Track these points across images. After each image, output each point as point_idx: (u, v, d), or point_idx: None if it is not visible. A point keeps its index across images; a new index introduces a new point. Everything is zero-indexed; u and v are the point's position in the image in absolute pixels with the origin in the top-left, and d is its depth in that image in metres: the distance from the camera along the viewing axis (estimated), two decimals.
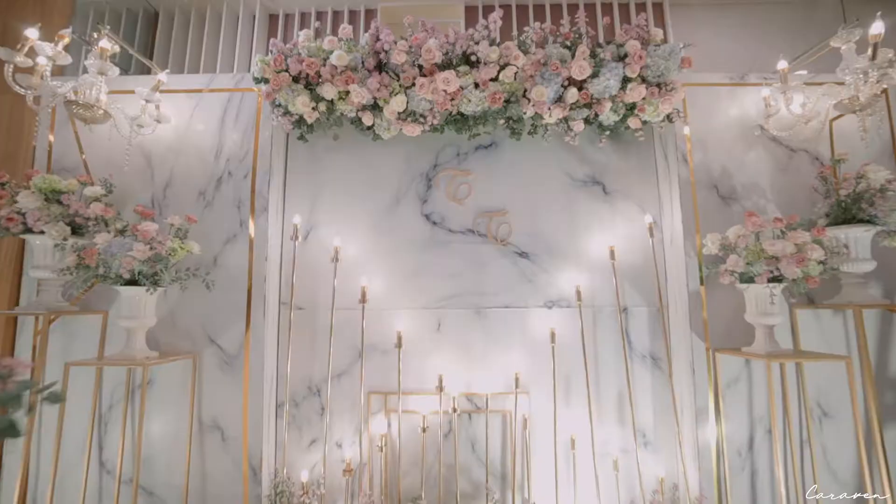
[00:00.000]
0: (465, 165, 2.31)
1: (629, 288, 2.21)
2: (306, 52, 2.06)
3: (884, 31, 1.73)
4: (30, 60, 1.62)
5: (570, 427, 2.10)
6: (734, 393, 2.08)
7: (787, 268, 1.73)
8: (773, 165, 2.23)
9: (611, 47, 2.06)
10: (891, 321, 2.10)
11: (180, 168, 2.19)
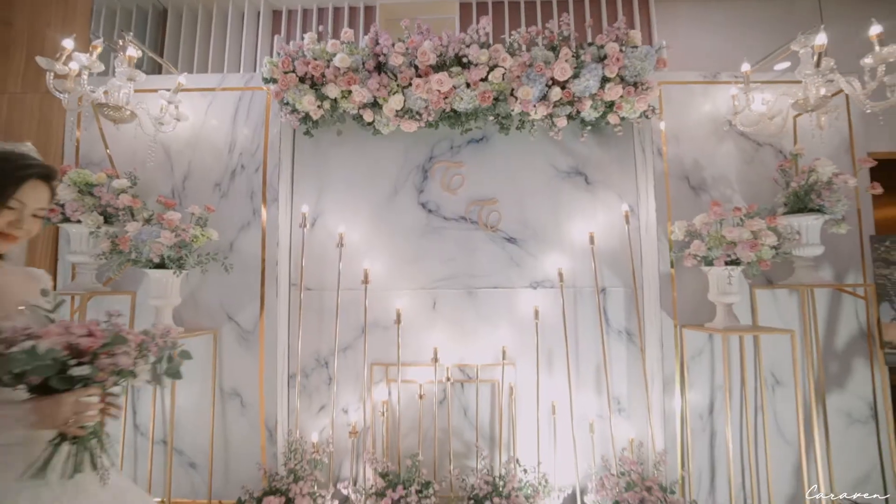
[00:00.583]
0: (458, 158, 2.51)
1: (607, 270, 2.44)
2: (311, 54, 2.24)
3: (826, 42, 1.90)
4: (66, 68, 1.81)
5: (552, 395, 2.34)
6: (698, 364, 2.32)
7: (742, 252, 1.95)
8: (741, 158, 2.43)
9: (592, 49, 2.24)
10: (840, 300, 2.33)
11: (197, 162, 2.40)
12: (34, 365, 0.83)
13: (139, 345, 0.96)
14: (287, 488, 2.03)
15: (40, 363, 0.83)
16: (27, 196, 0.99)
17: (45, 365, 0.84)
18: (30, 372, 0.83)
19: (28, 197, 0.99)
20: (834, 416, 2.28)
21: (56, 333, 0.88)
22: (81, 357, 0.88)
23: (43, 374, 0.85)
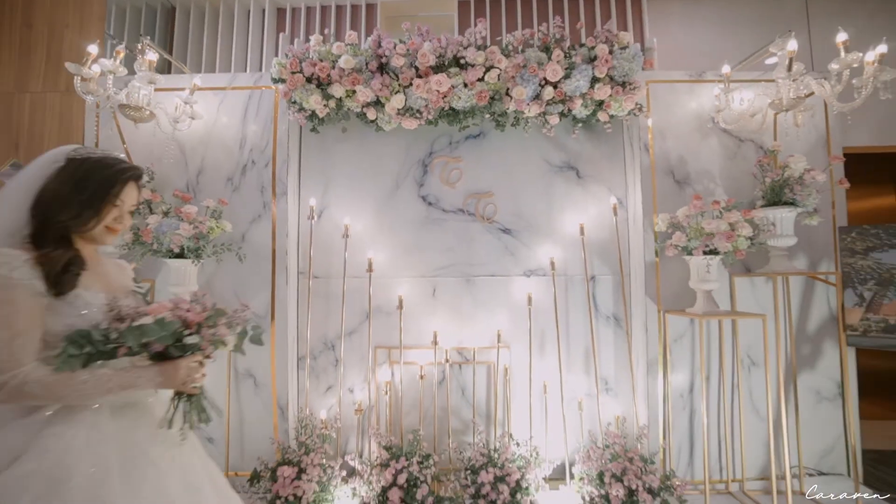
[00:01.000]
0: (457, 153, 2.65)
1: (596, 259, 2.59)
2: (317, 55, 2.37)
3: (797, 48, 2.03)
4: (91, 72, 1.94)
5: (544, 375, 2.52)
6: (680, 347, 2.49)
7: (719, 243, 2.11)
8: (723, 154, 2.57)
9: (582, 50, 2.37)
10: (813, 287, 2.49)
11: (210, 158, 2.54)
12: (160, 334, 1.00)
13: (228, 318, 1.13)
14: (299, 460, 2.21)
15: (166, 332, 1.01)
16: (127, 195, 1.14)
17: (168, 334, 1.01)
18: (157, 340, 1.00)
19: (127, 196, 1.14)
20: (804, 394, 2.45)
21: (167, 309, 1.04)
22: (189, 329, 1.05)
23: (165, 343, 1.02)
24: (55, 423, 0.96)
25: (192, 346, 1.06)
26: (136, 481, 0.98)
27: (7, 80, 2.57)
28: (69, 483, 0.90)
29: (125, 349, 1.00)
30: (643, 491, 2.08)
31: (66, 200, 1.05)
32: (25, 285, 0.98)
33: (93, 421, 0.99)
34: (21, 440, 0.93)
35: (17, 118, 2.55)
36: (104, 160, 1.12)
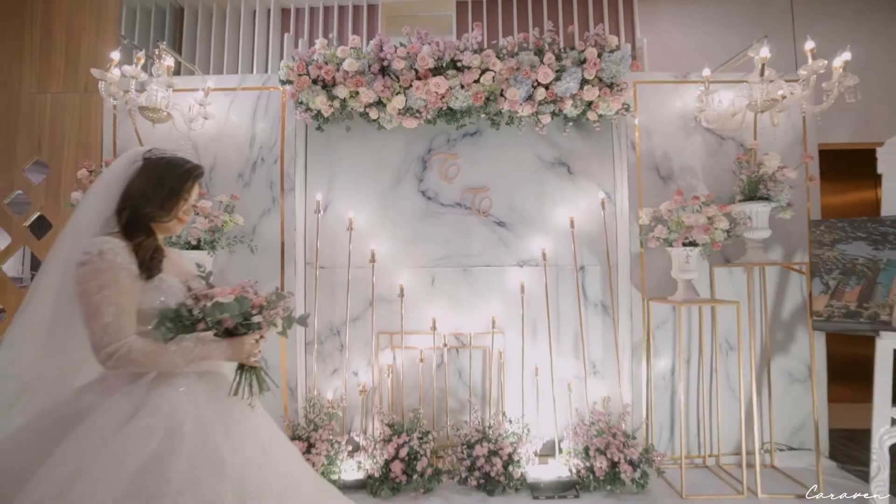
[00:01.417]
0: (454, 150, 2.80)
1: (585, 251, 2.76)
2: (322, 58, 2.51)
3: (769, 55, 2.18)
4: (113, 76, 2.09)
5: (536, 359, 2.69)
6: (662, 332, 2.67)
7: (697, 235, 2.27)
8: (706, 151, 2.72)
9: (573, 53, 2.51)
10: (787, 276, 2.66)
11: (222, 155, 2.69)
12: (237, 312, 1.17)
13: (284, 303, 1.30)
14: (308, 435, 2.39)
15: (243, 310, 1.17)
16: (192, 192, 1.31)
17: (241, 313, 1.18)
18: (231, 317, 1.16)
19: (192, 193, 1.31)
20: (777, 376, 2.64)
21: (235, 292, 1.20)
22: (255, 309, 1.22)
23: (236, 320, 1.18)
24: (157, 386, 1.14)
25: (254, 325, 1.22)
26: (233, 431, 1.17)
27: (29, 81, 2.71)
28: (181, 430, 1.08)
29: (203, 324, 1.17)
30: (624, 462, 2.27)
31: (150, 196, 1.22)
32: (127, 269, 1.13)
33: (186, 384, 1.18)
34: (134, 401, 1.11)
35: (38, 118, 2.70)
36: (175, 160, 1.29)
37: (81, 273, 1.10)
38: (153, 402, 1.10)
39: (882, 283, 2.09)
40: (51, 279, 1.20)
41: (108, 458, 0.99)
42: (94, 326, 1.08)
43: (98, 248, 1.11)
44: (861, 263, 2.17)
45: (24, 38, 2.72)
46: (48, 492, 0.95)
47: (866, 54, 3.37)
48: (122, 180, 1.21)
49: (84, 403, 1.10)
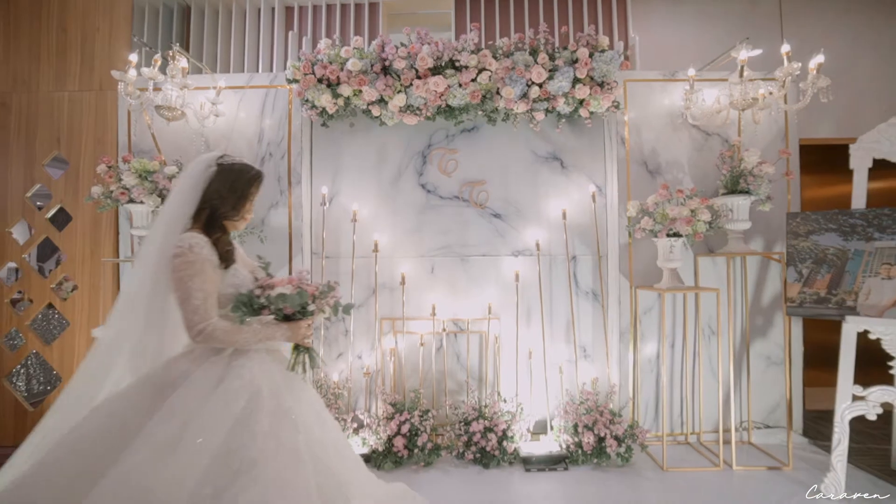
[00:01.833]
0: (453, 145, 2.94)
1: (577, 241, 2.91)
2: (327, 58, 2.64)
3: (748, 56, 2.31)
4: (132, 77, 2.22)
5: (529, 343, 2.86)
6: (648, 318, 2.83)
7: (680, 227, 2.41)
8: (692, 146, 2.86)
9: (565, 54, 2.64)
10: (768, 266, 2.81)
11: (232, 150, 2.81)
12: (296, 301, 1.36)
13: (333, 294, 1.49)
14: None
15: (301, 300, 1.37)
16: (256, 193, 1.53)
17: (300, 301, 1.37)
18: (290, 304, 1.36)
19: (255, 193, 1.52)
20: (756, 360, 2.80)
21: (291, 282, 1.39)
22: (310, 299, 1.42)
23: (294, 308, 1.37)
24: (237, 358, 1.37)
25: (309, 312, 1.42)
26: (296, 398, 1.39)
27: (47, 80, 2.84)
28: (262, 393, 1.31)
29: (268, 311, 1.38)
30: (610, 438, 2.45)
31: (225, 198, 1.42)
32: (210, 261, 1.35)
33: (258, 358, 1.40)
34: (219, 369, 1.34)
35: (56, 115, 2.83)
36: (243, 166, 1.49)
37: (176, 263, 1.31)
38: (236, 370, 1.34)
39: (849, 271, 2.25)
40: (146, 268, 1.40)
41: (209, 413, 1.23)
42: (187, 308, 1.31)
43: (188, 242, 1.32)
44: (832, 253, 2.32)
45: (41, 39, 2.84)
46: (163, 439, 1.17)
47: (851, 52, 3.50)
48: (200, 184, 1.41)
49: (179, 370, 1.33)
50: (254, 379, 1.33)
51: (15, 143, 2.82)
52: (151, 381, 1.32)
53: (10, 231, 2.82)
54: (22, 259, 2.82)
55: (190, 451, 1.16)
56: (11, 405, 2.77)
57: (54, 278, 2.83)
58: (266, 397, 1.31)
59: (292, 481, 1.22)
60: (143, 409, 1.23)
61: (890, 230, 2.18)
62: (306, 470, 1.26)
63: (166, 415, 1.21)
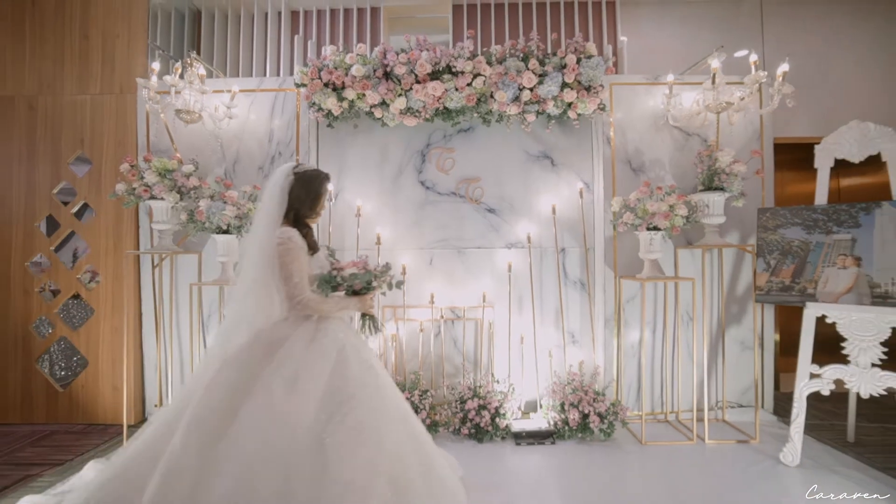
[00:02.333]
0: (450, 145, 3.14)
1: (566, 234, 3.12)
2: (332, 64, 2.84)
3: (720, 65, 2.50)
4: (155, 84, 2.42)
5: (521, 329, 3.08)
6: (631, 306, 3.05)
7: (658, 221, 2.62)
8: (673, 146, 3.06)
9: (555, 60, 2.83)
10: (742, 257, 3.03)
11: (244, 150, 3.03)
12: (364, 279, 1.79)
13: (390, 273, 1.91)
14: None
15: (368, 279, 1.80)
16: (326, 192, 1.91)
17: (367, 279, 1.79)
18: (360, 282, 1.78)
19: (325, 192, 1.90)
20: (731, 344, 3.03)
21: (357, 265, 1.79)
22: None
23: (363, 284, 1.79)
24: (321, 322, 1.76)
25: (372, 287, 1.84)
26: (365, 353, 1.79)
27: (71, 84, 3.03)
28: (346, 348, 1.71)
29: (342, 287, 1.79)
30: (594, 415, 2.68)
31: (304, 200, 1.81)
32: (302, 248, 1.73)
33: (337, 322, 1.81)
34: (310, 331, 1.72)
35: (80, 117, 3.03)
36: (314, 173, 1.85)
37: (280, 251, 1.65)
38: (323, 331, 1.73)
39: (811, 262, 2.46)
40: (251, 256, 1.74)
41: (311, 362, 1.62)
42: (289, 283, 1.69)
43: (288, 234, 1.67)
44: (796, 245, 2.53)
45: (64, 45, 3.03)
46: (282, 382, 1.57)
47: (827, 55, 3.69)
48: (284, 189, 1.76)
49: (281, 332, 1.70)
50: (337, 337, 1.73)
51: (41, 144, 3.02)
52: (262, 339, 1.68)
53: (37, 225, 3.03)
54: (49, 251, 3.04)
55: (306, 388, 1.57)
56: (43, 387, 3.00)
57: (79, 269, 3.05)
58: (349, 350, 1.71)
59: (380, 408, 1.65)
60: (260, 360, 1.63)
61: (846, 224, 2.39)
62: (388, 401, 1.72)
63: (279, 364, 1.61)
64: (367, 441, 1.54)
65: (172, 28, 3.72)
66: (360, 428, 1.56)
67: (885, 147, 2.38)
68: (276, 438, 1.47)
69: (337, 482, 1.43)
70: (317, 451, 1.47)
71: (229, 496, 1.39)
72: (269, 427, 1.48)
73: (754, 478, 2.27)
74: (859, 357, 2.25)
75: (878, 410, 3.11)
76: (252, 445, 1.46)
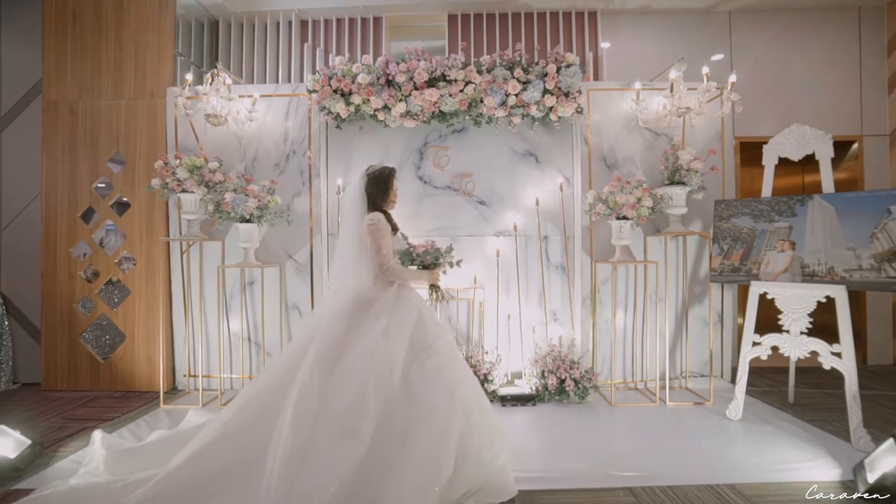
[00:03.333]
0: (445, 144, 3.51)
1: (548, 224, 3.50)
2: (341, 73, 3.21)
3: (680, 74, 2.87)
4: (186, 92, 2.79)
5: (508, 308, 3.47)
6: (605, 287, 3.44)
7: (626, 211, 3.00)
8: (643, 145, 3.43)
9: (537, 69, 3.20)
10: (704, 244, 3.41)
11: (262, 149, 3.41)
12: (434, 256, 2.29)
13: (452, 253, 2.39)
14: None
15: (437, 255, 2.32)
16: (394, 184, 2.33)
17: (436, 255, 2.29)
18: (431, 258, 2.29)
19: (394, 184, 2.33)
20: (694, 321, 3.42)
21: (427, 247, 2.28)
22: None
23: (432, 260, 2.30)
24: (400, 289, 2.17)
25: (439, 263, 2.33)
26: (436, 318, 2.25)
27: (107, 90, 3.40)
28: (423, 309, 2.14)
29: (417, 262, 2.28)
30: (570, 380, 3.08)
31: (376, 193, 2.26)
32: (388, 228, 2.17)
33: (413, 290, 2.25)
34: (393, 295, 2.11)
35: (115, 119, 3.40)
36: (380, 171, 2.30)
37: (371, 230, 2.10)
38: (404, 295, 2.17)
39: (756, 246, 2.85)
40: (347, 239, 2.22)
41: (397, 318, 2.04)
42: (380, 255, 2.12)
43: (376, 217, 2.16)
44: (745, 232, 2.91)
45: (101, 55, 3.40)
46: (377, 334, 1.96)
47: (789, 62, 4.06)
48: (361, 188, 2.26)
49: (372, 294, 2.13)
50: (416, 301, 2.18)
51: (82, 144, 3.40)
52: (359, 299, 2.12)
53: (79, 216, 3.42)
54: (90, 239, 3.43)
55: (397, 336, 1.98)
56: (87, 358, 3.41)
57: (117, 255, 3.44)
58: (425, 312, 2.15)
59: (453, 356, 2.10)
60: (359, 314, 2.07)
61: (786, 214, 2.77)
62: (457, 354, 2.18)
63: (374, 317, 2.04)
64: (444, 379, 1.95)
65: (193, 36, 4.08)
66: (438, 369, 1.97)
67: (818, 148, 2.76)
68: (377, 371, 1.88)
69: (422, 405, 1.86)
70: (405, 383, 1.90)
71: (346, 411, 1.80)
72: (370, 363, 1.90)
73: (703, 429, 2.67)
74: (791, 326, 2.64)
75: (820, 378, 3.49)
76: (359, 376, 1.87)
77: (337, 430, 1.77)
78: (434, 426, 1.81)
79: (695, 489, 2.01)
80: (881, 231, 2.40)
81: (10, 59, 3.73)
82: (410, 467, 1.72)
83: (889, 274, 2.35)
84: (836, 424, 2.68)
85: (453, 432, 1.82)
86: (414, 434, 1.80)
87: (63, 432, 2.65)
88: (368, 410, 1.79)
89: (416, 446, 1.77)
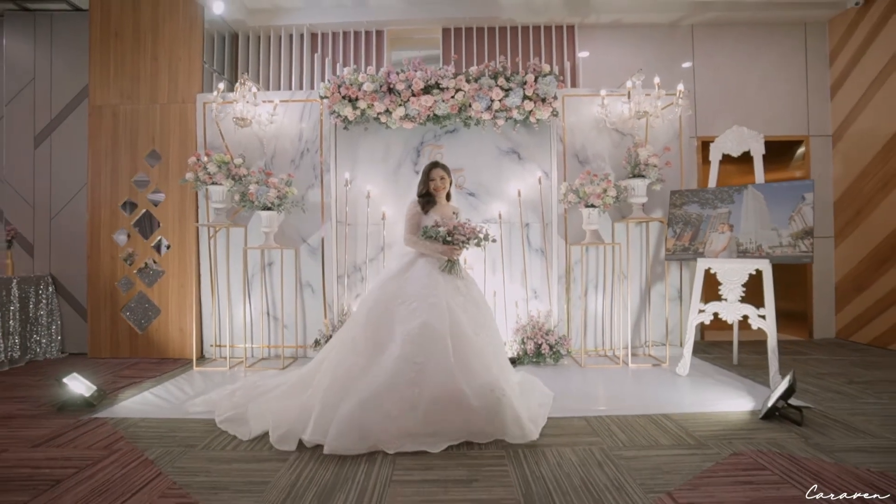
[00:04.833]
0: (439, 143, 4.02)
1: (529, 212, 4.01)
2: (348, 81, 3.71)
3: (637, 85, 3.38)
4: (219, 99, 3.30)
5: (494, 286, 3.97)
6: (578, 267, 3.94)
7: (594, 200, 3.51)
8: (611, 143, 3.94)
9: (517, 78, 3.71)
10: (664, 229, 3.92)
11: (280, 147, 3.92)
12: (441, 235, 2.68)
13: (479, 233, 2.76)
14: None
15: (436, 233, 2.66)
16: (433, 174, 2.91)
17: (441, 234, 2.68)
18: (455, 234, 2.67)
19: (434, 174, 2.91)
20: (655, 297, 3.93)
21: (461, 225, 2.68)
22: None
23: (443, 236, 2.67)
24: (420, 257, 2.73)
25: (449, 241, 2.69)
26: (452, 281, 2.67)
27: (144, 95, 3.91)
28: (436, 271, 2.63)
29: (439, 237, 2.68)
30: (546, 345, 3.58)
31: (419, 183, 2.95)
32: (418, 211, 2.87)
33: (437, 262, 2.71)
34: (424, 262, 2.69)
35: (151, 121, 3.91)
36: (425, 169, 2.94)
37: (407, 209, 2.86)
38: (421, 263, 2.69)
39: (702, 229, 3.35)
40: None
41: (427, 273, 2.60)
42: (407, 228, 2.85)
43: (412, 201, 2.90)
44: (693, 217, 3.42)
45: (139, 66, 3.91)
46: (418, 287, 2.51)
47: (744, 69, 4.57)
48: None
49: (408, 260, 2.72)
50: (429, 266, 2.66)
51: (122, 143, 3.91)
52: (402, 263, 2.71)
53: (120, 206, 3.92)
54: (129, 226, 3.93)
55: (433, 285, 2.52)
56: (126, 330, 3.91)
57: (153, 239, 3.94)
58: (435, 274, 2.62)
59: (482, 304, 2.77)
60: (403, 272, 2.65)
61: (726, 201, 3.28)
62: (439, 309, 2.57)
63: (417, 276, 2.60)
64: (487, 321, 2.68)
65: (215, 48, 4.59)
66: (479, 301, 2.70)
67: (752, 146, 3.27)
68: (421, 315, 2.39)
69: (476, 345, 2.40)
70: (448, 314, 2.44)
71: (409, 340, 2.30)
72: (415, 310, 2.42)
73: (654, 382, 3.17)
74: (728, 295, 3.15)
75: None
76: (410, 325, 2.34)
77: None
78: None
79: (636, 417, 2.51)
80: (797, 214, 2.91)
81: (59, 70, 4.24)
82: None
83: (801, 249, 2.86)
84: (765, 378, 3.18)
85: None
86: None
87: (117, 384, 3.15)
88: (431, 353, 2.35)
89: None
